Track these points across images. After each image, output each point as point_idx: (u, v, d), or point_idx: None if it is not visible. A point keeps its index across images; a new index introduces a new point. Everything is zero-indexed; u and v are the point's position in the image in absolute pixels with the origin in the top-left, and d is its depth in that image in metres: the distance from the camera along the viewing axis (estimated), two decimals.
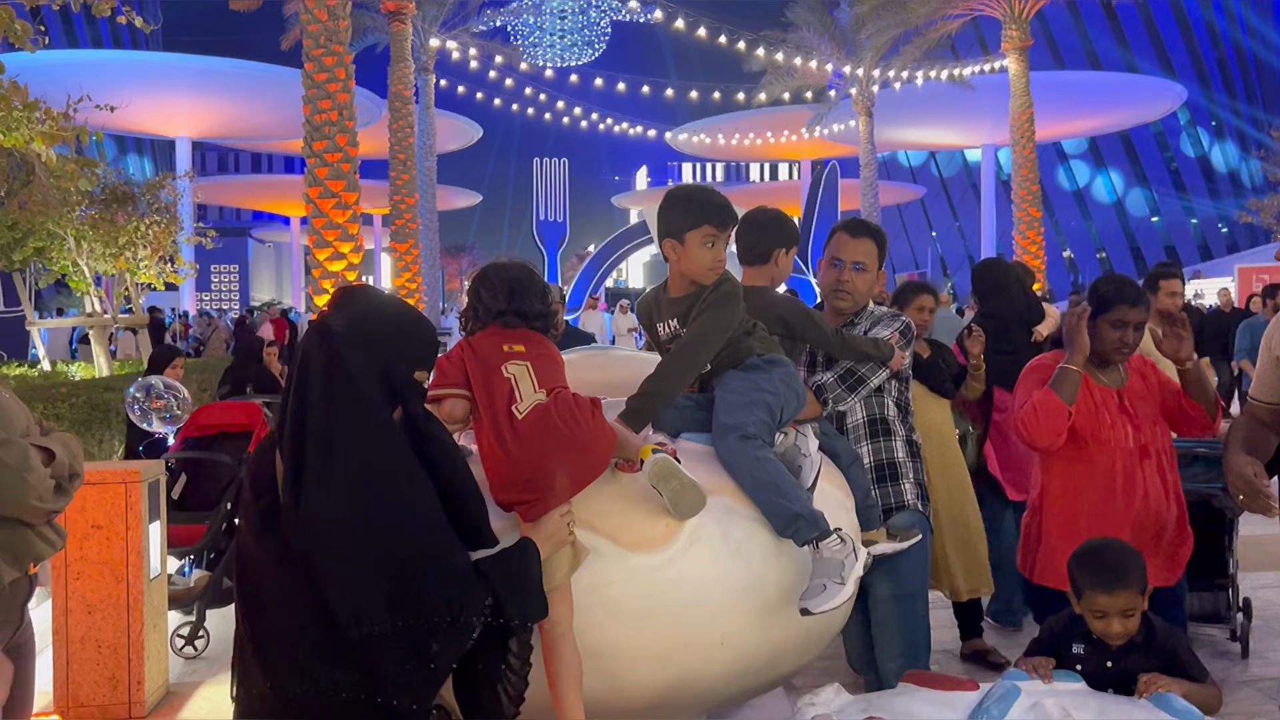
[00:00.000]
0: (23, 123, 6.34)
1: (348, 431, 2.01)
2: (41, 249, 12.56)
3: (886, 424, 3.43)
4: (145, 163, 58.23)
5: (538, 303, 2.70)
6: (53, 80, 13.54)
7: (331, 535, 1.96)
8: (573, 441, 2.42)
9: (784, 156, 52.02)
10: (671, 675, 2.41)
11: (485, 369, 2.56)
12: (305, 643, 1.99)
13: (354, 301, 2.18)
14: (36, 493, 2.11)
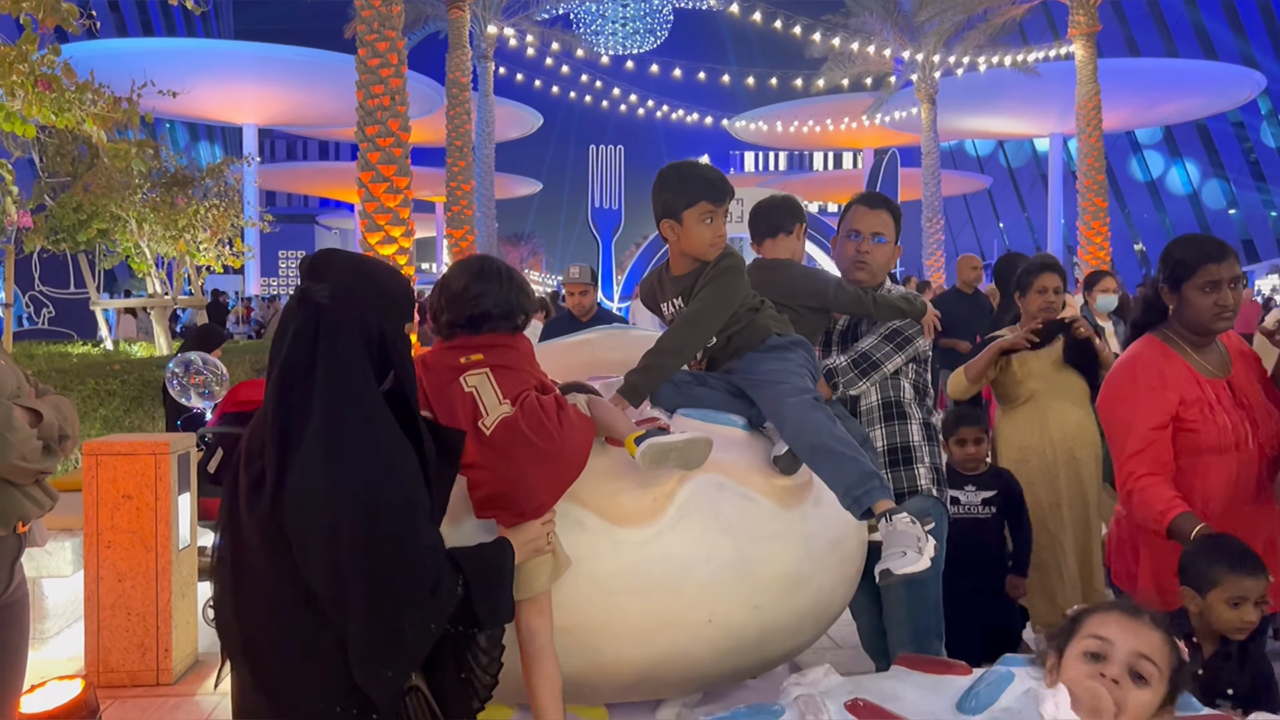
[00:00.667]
0: (75, 105, 6.49)
1: (332, 405, 1.97)
2: (105, 231, 12.89)
3: (901, 407, 3.36)
4: (216, 149, 59.52)
5: (490, 304, 2.51)
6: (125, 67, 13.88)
7: (312, 509, 1.93)
8: (545, 451, 2.34)
9: (847, 145, 51.41)
10: (657, 652, 2.38)
11: (440, 384, 2.46)
12: (283, 619, 1.98)
13: (332, 269, 2.11)
14: (20, 453, 2.14)
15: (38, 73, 6.15)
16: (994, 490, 4.07)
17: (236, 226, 13.66)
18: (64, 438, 2.35)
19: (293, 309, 2.07)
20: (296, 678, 2.00)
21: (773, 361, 2.78)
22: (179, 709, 4.28)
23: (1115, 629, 1.75)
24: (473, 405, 2.41)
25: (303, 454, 1.96)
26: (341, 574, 1.92)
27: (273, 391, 2.02)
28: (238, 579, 2.05)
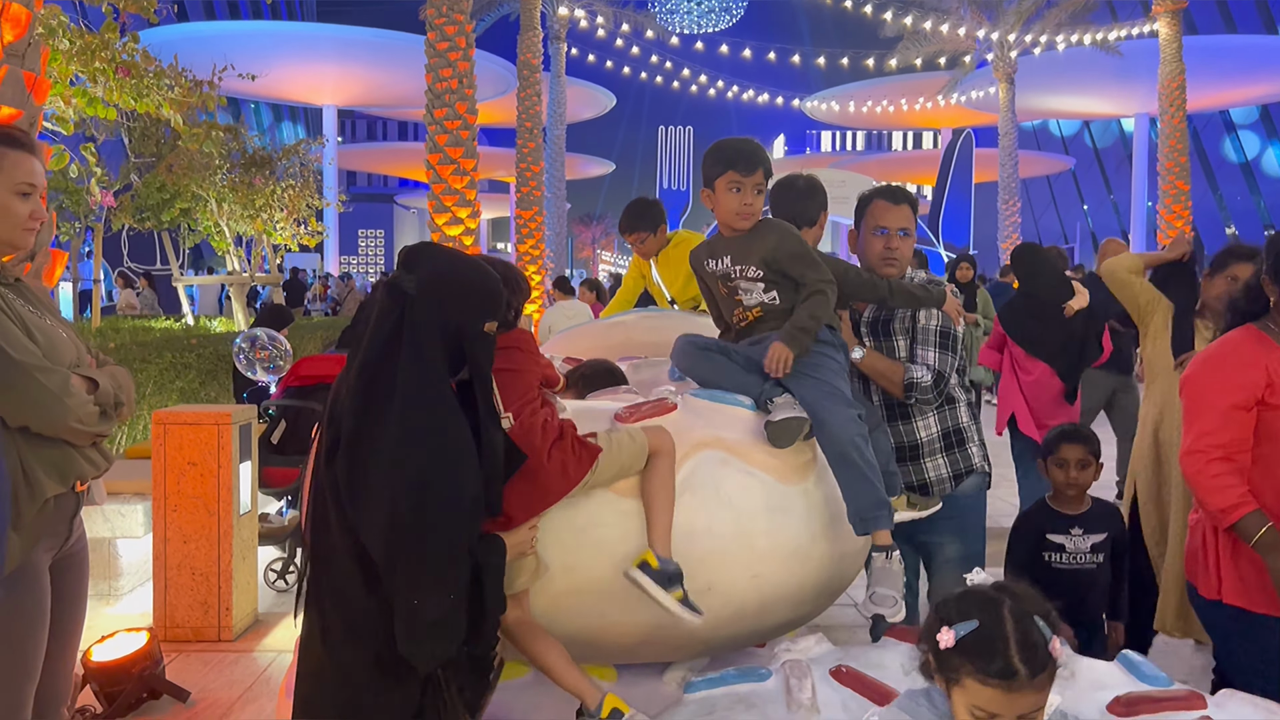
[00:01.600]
0: (153, 90, 6.81)
1: (409, 393, 2.15)
2: (187, 210, 13.41)
3: (950, 392, 3.43)
4: (299, 130, 60.73)
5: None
6: (210, 50, 14.39)
7: (375, 490, 2.11)
8: (525, 469, 2.40)
9: (925, 125, 50.54)
10: (659, 615, 2.51)
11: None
12: (344, 572, 2.19)
13: (424, 261, 2.28)
14: (76, 416, 2.35)
15: (118, 60, 6.47)
16: (1103, 533, 3.46)
17: (311, 206, 14.09)
18: (119, 404, 2.55)
19: (381, 295, 2.26)
20: (351, 627, 2.19)
21: (823, 357, 2.87)
22: (237, 664, 4.55)
23: (997, 705, 1.71)
24: None
25: (375, 434, 2.14)
26: (391, 552, 2.10)
27: (360, 369, 2.21)
28: (315, 529, 2.27)
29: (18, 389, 2.26)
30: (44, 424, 2.31)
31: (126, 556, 5.38)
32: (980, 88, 30.49)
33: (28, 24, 3.26)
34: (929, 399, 3.32)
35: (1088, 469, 3.42)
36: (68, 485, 2.43)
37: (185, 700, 4.11)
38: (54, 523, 2.44)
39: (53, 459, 2.39)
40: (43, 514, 2.39)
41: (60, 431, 2.35)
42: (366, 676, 2.20)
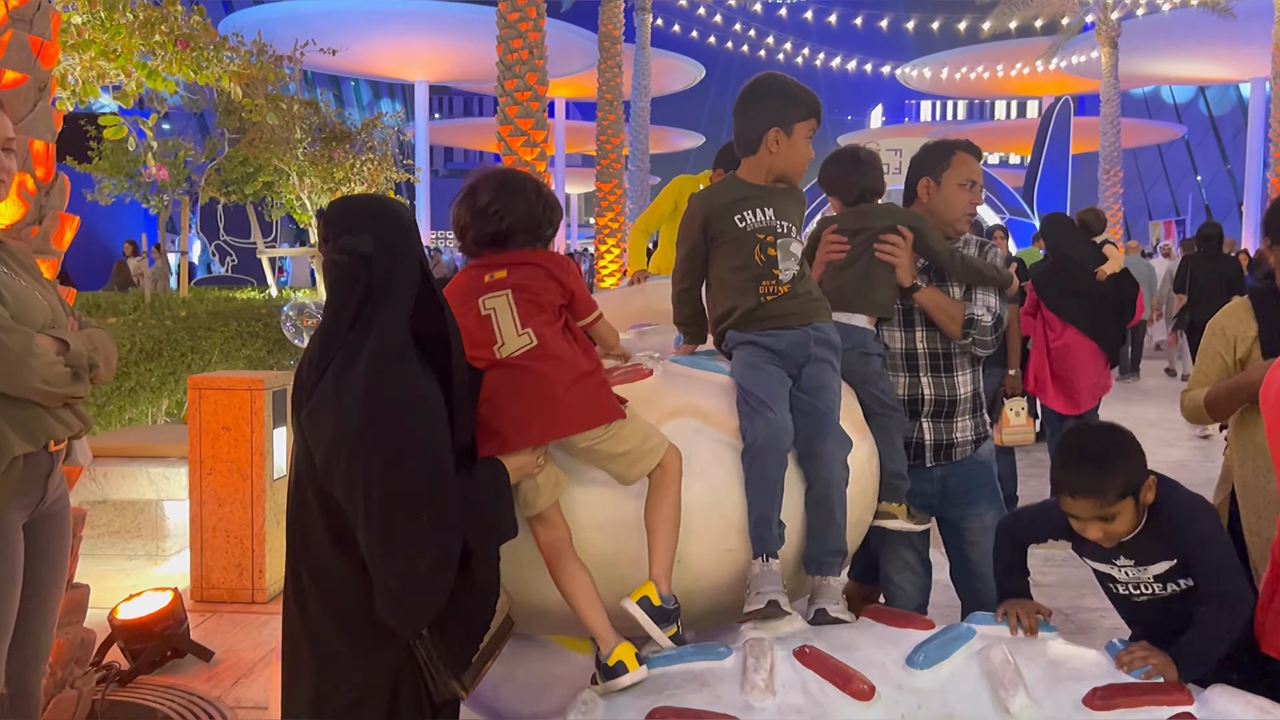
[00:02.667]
0: (213, 63, 6.91)
1: (382, 347, 2.09)
2: (270, 183, 13.71)
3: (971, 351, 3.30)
4: (395, 106, 61.81)
5: (515, 219, 2.46)
6: (302, 27, 14.65)
7: (337, 444, 2.06)
8: (533, 394, 2.31)
9: (1028, 92, 48.70)
10: (629, 589, 2.42)
11: (462, 307, 2.39)
12: (319, 539, 2.16)
13: (366, 218, 2.18)
14: (41, 377, 2.35)
15: (178, 32, 6.58)
16: (1167, 560, 2.52)
17: (390, 180, 14.26)
18: (93, 366, 2.56)
19: (333, 264, 2.16)
20: (327, 593, 2.16)
21: (834, 376, 2.73)
22: (266, 626, 4.62)
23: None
24: (489, 330, 2.36)
25: (331, 386, 2.09)
26: (367, 517, 2.03)
27: (323, 336, 2.17)
28: (292, 497, 2.24)
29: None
30: (9, 383, 2.33)
31: (173, 518, 5.51)
32: (1082, 53, 29.22)
33: None
34: (986, 342, 3.17)
35: (1112, 522, 2.43)
36: (38, 445, 2.45)
37: (208, 659, 4.18)
38: (25, 482, 2.46)
39: (21, 418, 2.40)
40: (11, 473, 2.41)
41: (26, 391, 2.36)
42: (343, 643, 2.17)
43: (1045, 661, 2.14)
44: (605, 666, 2.29)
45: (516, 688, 2.68)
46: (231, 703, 3.84)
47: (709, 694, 2.13)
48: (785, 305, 2.71)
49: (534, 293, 2.42)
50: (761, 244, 2.69)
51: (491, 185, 2.51)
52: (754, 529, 2.48)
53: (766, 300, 2.70)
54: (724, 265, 2.76)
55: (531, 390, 2.32)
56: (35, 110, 3.30)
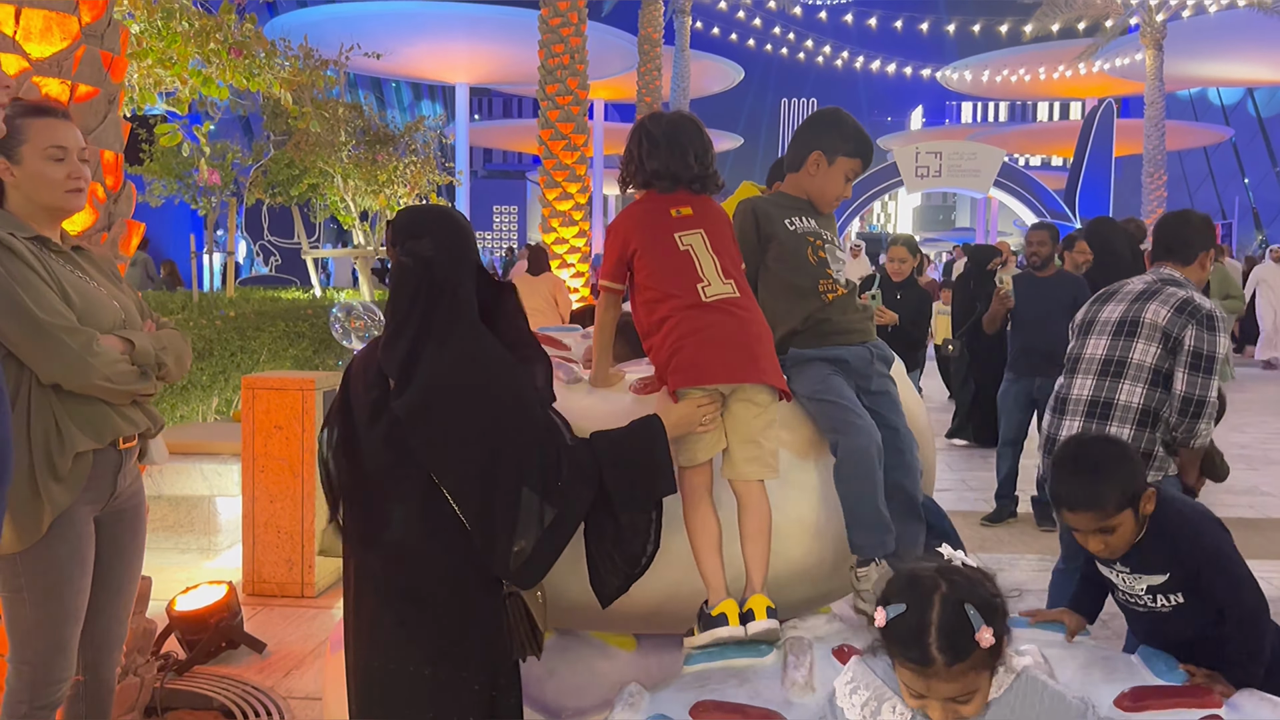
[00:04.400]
0: (265, 69, 7.10)
1: (462, 339, 2.29)
2: (315, 185, 13.97)
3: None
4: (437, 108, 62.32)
5: (696, 164, 2.63)
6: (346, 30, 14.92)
7: (439, 404, 2.24)
8: (747, 348, 2.49)
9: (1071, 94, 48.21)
10: (669, 586, 2.51)
11: (653, 238, 2.57)
12: (407, 496, 2.29)
13: (427, 224, 2.40)
14: (103, 374, 2.47)
15: (231, 41, 6.77)
16: (1162, 573, 2.49)
17: (433, 182, 14.48)
18: (161, 365, 2.69)
19: (398, 268, 2.37)
20: (422, 573, 2.29)
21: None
22: (315, 619, 4.76)
23: (919, 686, 1.73)
24: (690, 266, 2.52)
25: (431, 365, 2.26)
26: (466, 455, 2.21)
27: (391, 338, 2.33)
28: (356, 492, 2.38)
29: (45, 348, 2.40)
30: (71, 381, 2.45)
31: (225, 514, 5.67)
32: (1127, 54, 28.93)
33: (105, 5, 3.44)
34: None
35: (1111, 534, 2.42)
36: (104, 442, 2.57)
37: (261, 651, 4.32)
38: (95, 479, 2.58)
39: (87, 415, 2.52)
40: (80, 469, 2.53)
41: (89, 388, 2.49)
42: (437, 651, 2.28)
43: (1077, 664, 2.20)
44: (708, 616, 2.40)
45: (562, 683, 2.78)
46: (283, 693, 3.97)
47: (750, 689, 2.21)
48: (851, 317, 2.81)
49: (725, 241, 2.62)
50: (812, 246, 2.81)
51: (692, 130, 2.67)
52: (870, 533, 2.58)
53: (829, 299, 2.77)
54: (779, 270, 2.82)
55: (739, 332, 2.50)
56: (105, 122, 3.45)
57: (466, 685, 2.27)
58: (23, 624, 2.52)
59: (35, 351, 2.41)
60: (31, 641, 2.53)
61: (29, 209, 2.52)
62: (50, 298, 2.44)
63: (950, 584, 1.73)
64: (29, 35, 3.25)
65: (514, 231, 55.05)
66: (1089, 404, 3.58)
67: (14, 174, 2.50)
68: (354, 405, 2.46)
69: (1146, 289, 3.58)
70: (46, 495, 2.45)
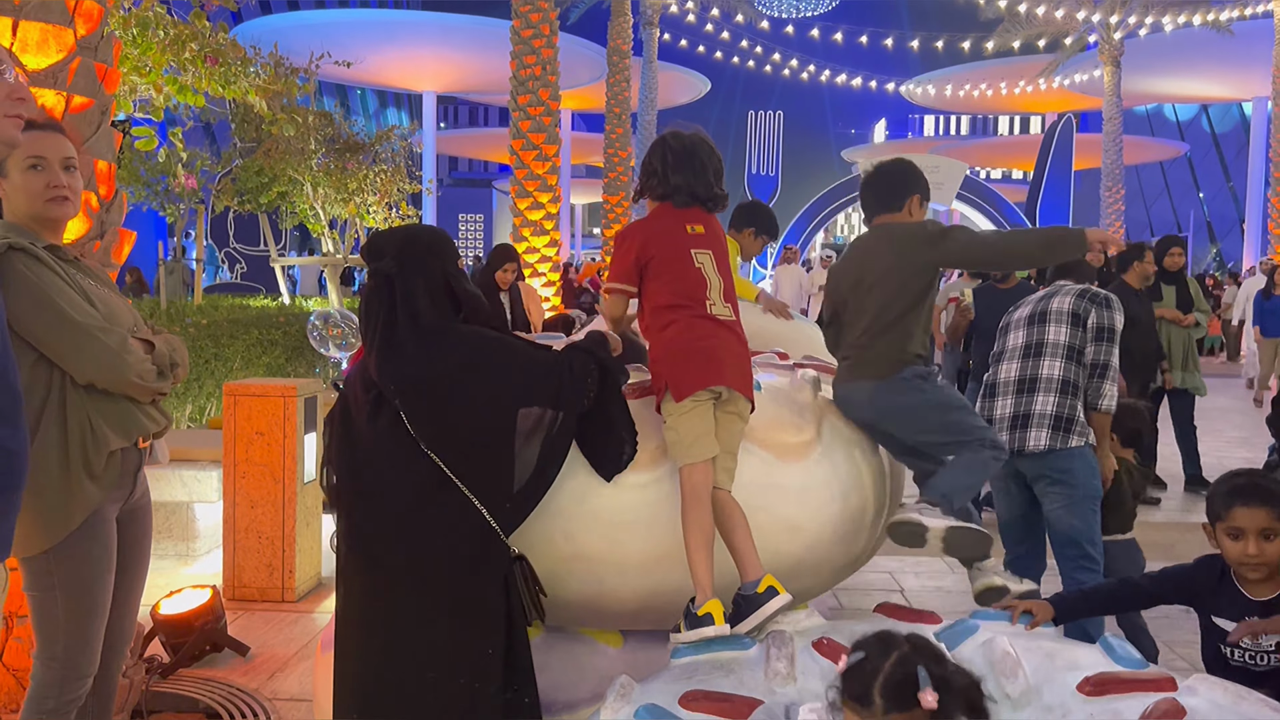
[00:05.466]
0: (240, 77, 7.15)
1: (424, 328, 2.53)
2: (284, 193, 13.96)
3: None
4: (403, 115, 62.10)
5: (716, 183, 2.86)
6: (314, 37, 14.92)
7: (434, 374, 2.50)
8: (745, 362, 2.76)
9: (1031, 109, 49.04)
10: (653, 584, 2.63)
11: (672, 249, 2.78)
12: (408, 490, 2.47)
13: (386, 245, 2.66)
14: (136, 372, 2.57)
15: (207, 49, 6.81)
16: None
17: (403, 191, 14.51)
18: (174, 365, 2.77)
19: (376, 287, 2.60)
20: (427, 554, 2.46)
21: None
22: (297, 624, 4.81)
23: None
24: (701, 282, 2.76)
25: (413, 352, 2.51)
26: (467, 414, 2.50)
27: (381, 340, 2.57)
28: (358, 484, 2.55)
29: (83, 348, 2.49)
30: (108, 379, 2.54)
31: (203, 520, 5.71)
32: (1086, 71, 29.52)
33: (100, 19, 3.51)
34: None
35: (1271, 541, 2.42)
36: (130, 440, 2.65)
37: (245, 654, 4.37)
38: (119, 475, 2.66)
39: (117, 414, 2.60)
40: (112, 467, 2.61)
41: (122, 386, 2.57)
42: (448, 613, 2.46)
43: (1043, 653, 2.33)
44: (694, 615, 2.53)
45: (552, 677, 2.87)
46: (268, 695, 4.03)
47: (735, 680, 2.33)
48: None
49: (724, 265, 2.85)
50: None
51: (709, 150, 2.89)
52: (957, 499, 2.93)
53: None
54: (928, 302, 3.21)
55: (740, 348, 2.79)
56: (99, 132, 3.52)
57: (482, 650, 2.39)
58: (53, 620, 2.58)
59: (74, 352, 2.48)
60: (62, 637, 2.58)
61: (23, 219, 2.59)
62: (79, 301, 2.52)
63: (914, 649, 1.86)
64: (26, 47, 3.32)
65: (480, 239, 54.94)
66: (1016, 383, 4.03)
67: (3, 187, 2.57)
68: (353, 410, 2.60)
69: (1047, 291, 4.17)
70: (81, 493, 2.53)
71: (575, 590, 2.66)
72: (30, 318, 2.47)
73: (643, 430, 2.67)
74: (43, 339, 2.48)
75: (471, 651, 2.40)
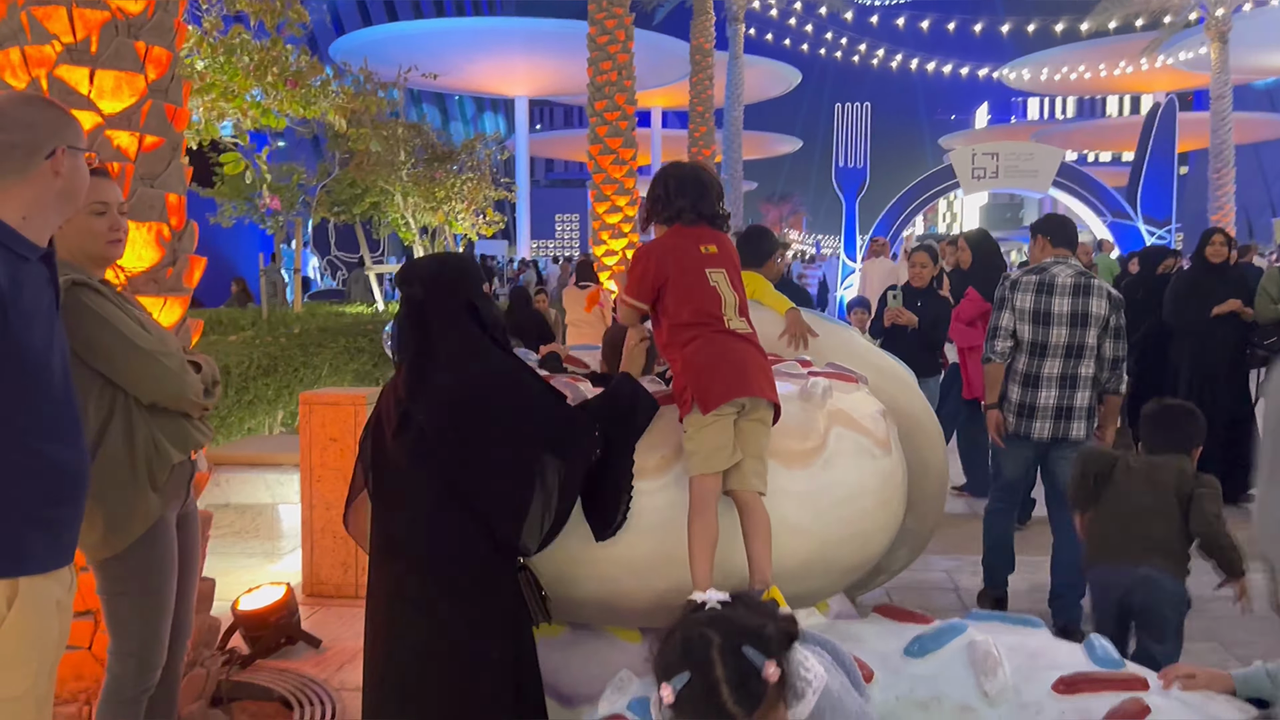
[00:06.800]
0: (320, 98, 7.53)
1: (452, 354, 2.74)
2: (376, 203, 14.48)
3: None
4: (499, 119, 63.25)
5: (717, 204, 3.10)
6: (409, 48, 15.51)
7: (458, 400, 2.69)
8: (766, 371, 2.93)
9: (1140, 88, 47.21)
10: (665, 584, 2.78)
11: (687, 268, 2.96)
12: (427, 499, 2.67)
13: (417, 272, 2.87)
14: (194, 390, 2.85)
15: (287, 72, 7.20)
16: None
17: (489, 198, 14.90)
18: (215, 382, 3.05)
19: (407, 312, 2.82)
20: (439, 559, 2.66)
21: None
22: None
23: None
24: (717, 299, 2.93)
25: (442, 379, 2.70)
26: (488, 451, 2.64)
27: (411, 361, 2.78)
28: (384, 492, 2.78)
29: (150, 370, 2.76)
30: (171, 399, 2.81)
31: (286, 521, 6.07)
32: (1191, 48, 28.38)
33: (169, 63, 3.82)
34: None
35: None
36: (187, 453, 2.94)
37: (317, 646, 4.68)
38: (176, 487, 2.94)
39: (176, 431, 2.88)
40: (174, 479, 2.89)
41: (182, 404, 2.85)
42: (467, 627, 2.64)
43: (1026, 653, 2.41)
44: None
45: (575, 672, 3.05)
46: (336, 685, 4.31)
47: None
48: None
49: (738, 282, 3.04)
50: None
51: (710, 175, 3.15)
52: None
53: None
54: None
55: (759, 357, 2.95)
56: (169, 168, 3.83)
57: (489, 656, 2.59)
58: (124, 620, 2.86)
59: (140, 374, 2.75)
60: (135, 634, 2.87)
61: (76, 258, 2.86)
62: (138, 329, 2.79)
63: (720, 633, 1.74)
64: (102, 94, 3.64)
65: (576, 238, 55.64)
66: (1060, 378, 4.61)
67: (62, 227, 2.85)
68: (382, 421, 2.83)
69: (1076, 284, 4.63)
70: (146, 504, 2.80)
71: (591, 591, 2.84)
72: (99, 346, 2.75)
73: (652, 438, 2.82)
74: (111, 365, 2.75)
75: (479, 652, 2.58)
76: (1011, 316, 4.72)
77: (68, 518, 2.47)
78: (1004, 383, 4.76)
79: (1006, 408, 4.75)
